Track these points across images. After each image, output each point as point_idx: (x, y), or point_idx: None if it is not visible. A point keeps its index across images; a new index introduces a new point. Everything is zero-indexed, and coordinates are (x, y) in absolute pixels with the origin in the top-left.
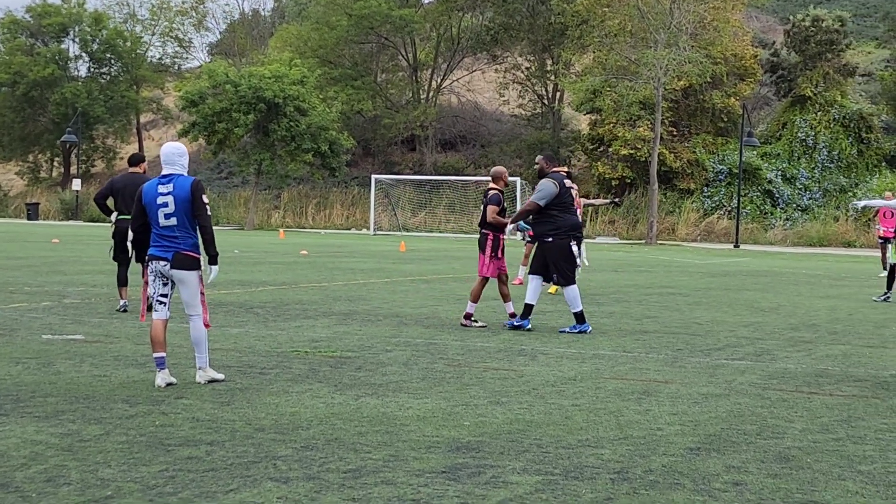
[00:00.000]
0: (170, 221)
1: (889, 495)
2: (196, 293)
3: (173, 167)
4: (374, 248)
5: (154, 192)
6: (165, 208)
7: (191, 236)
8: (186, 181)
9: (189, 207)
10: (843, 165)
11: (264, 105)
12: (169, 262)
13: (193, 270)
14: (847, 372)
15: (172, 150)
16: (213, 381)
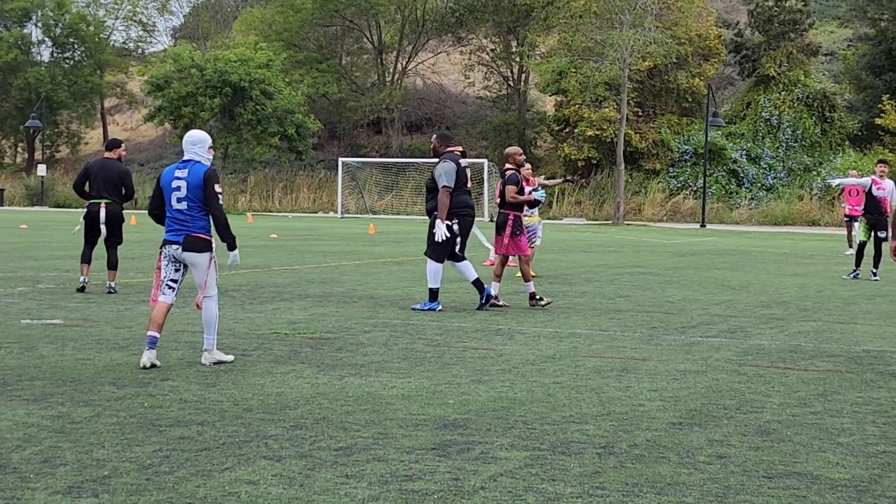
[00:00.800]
0: (181, 205)
1: (869, 465)
2: (208, 275)
3: (189, 154)
4: (342, 231)
5: (171, 177)
6: (178, 192)
7: (201, 219)
8: (201, 168)
9: (200, 194)
10: (806, 145)
11: (230, 89)
12: (181, 245)
13: (204, 252)
14: (820, 348)
15: (188, 137)
16: (218, 363)
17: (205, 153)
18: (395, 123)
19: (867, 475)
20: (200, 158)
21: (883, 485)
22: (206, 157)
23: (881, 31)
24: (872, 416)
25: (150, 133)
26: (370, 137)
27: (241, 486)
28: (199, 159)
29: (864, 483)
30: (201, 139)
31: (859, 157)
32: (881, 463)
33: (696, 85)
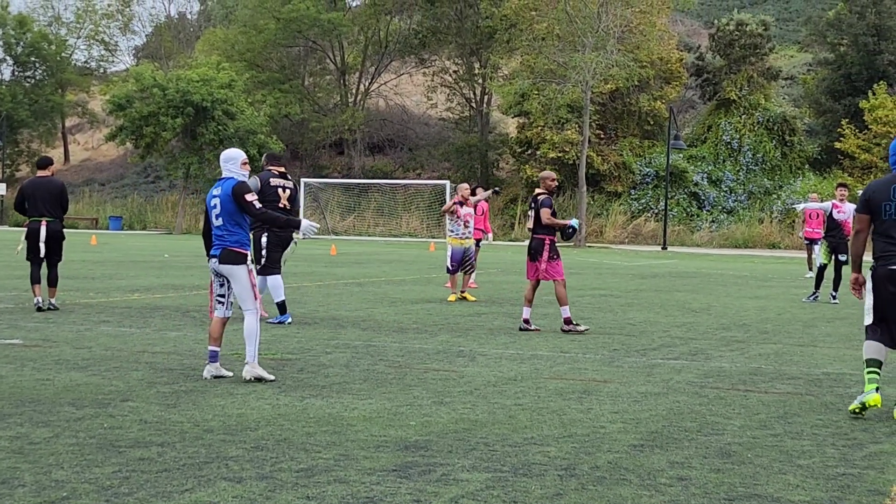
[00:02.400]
0: (218, 221)
1: (829, 488)
2: (247, 287)
3: (225, 172)
4: (304, 252)
5: (210, 196)
6: (215, 210)
7: (236, 234)
8: (230, 184)
9: (233, 208)
10: (767, 168)
11: (192, 109)
12: (217, 258)
13: (240, 265)
14: (780, 370)
15: (223, 156)
16: (259, 380)
17: (238, 169)
18: (358, 144)
19: (827, 497)
20: (234, 174)
21: None
22: (241, 173)
23: (840, 56)
24: (832, 438)
25: (112, 153)
26: (332, 158)
27: None
28: (233, 175)
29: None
30: (233, 156)
31: (819, 180)
32: (841, 485)
33: (657, 108)
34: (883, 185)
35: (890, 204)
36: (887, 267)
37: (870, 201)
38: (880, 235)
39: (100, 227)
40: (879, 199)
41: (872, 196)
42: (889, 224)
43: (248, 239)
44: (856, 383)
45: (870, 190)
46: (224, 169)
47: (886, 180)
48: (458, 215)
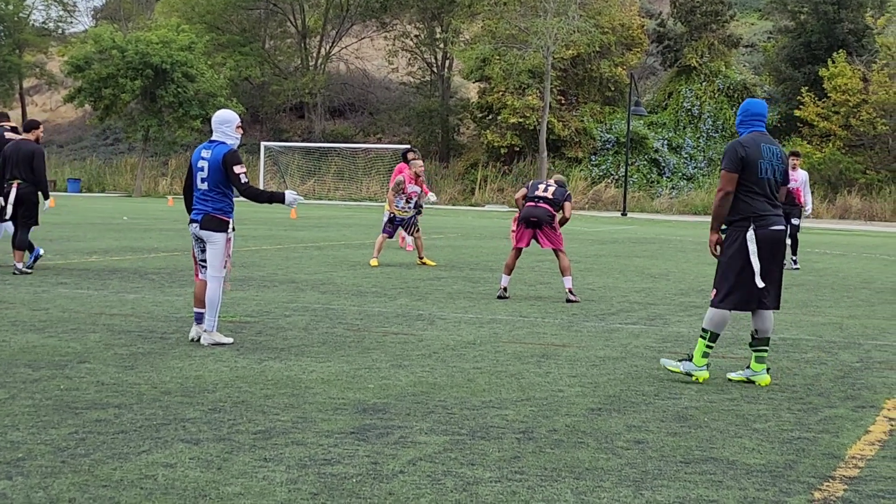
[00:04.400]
0: (203, 185)
1: (784, 451)
2: (219, 255)
3: (217, 134)
4: (264, 216)
5: (197, 157)
6: (202, 172)
7: (221, 201)
8: (222, 150)
9: (220, 176)
10: (727, 135)
11: (151, 71)
12: (198, 223)
13: (220, 232)
14: (737, 335)
15: (216, 117)
16: (217, 345)
17: (232, 132)
18: (318, 108)
19: (782, 461)
20: (227, 138)
21: (797, 470)
22: (234, 137)
23: (801, 23)
24: (788, 402)
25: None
26: (293, 122)
27: (158, 469)
28: (226, 139)
29: (780, 468)
30: (228, 119)
31: None
32: (796, 449)
33: (618, 74)
34: (753, 143)
35: (764, 162)
36: (769, 227)
37: (745, 159)
38: (757, 195)
39: (58, 189)
40: (755, 157)
41: (748, 154)
42: (762, 182)
43: (232, 206)
44: (812, 348)
45: (743, 149)
46: (217, 131)
47: (754, 139)
48: (405, 192)
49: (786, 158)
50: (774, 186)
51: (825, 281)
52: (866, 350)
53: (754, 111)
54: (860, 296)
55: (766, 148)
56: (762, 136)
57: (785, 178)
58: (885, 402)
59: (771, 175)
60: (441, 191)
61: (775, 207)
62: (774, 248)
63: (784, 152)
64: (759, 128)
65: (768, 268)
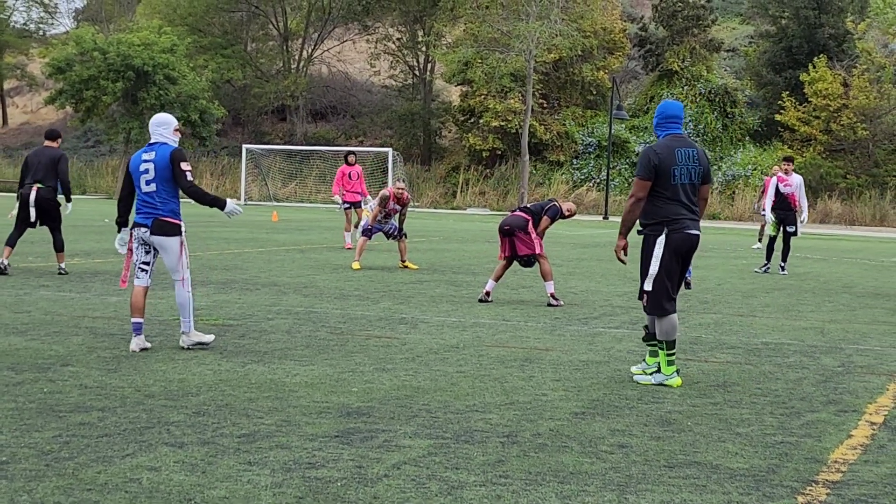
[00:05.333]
0: (150, 188)
1: (767, 455)
2: (177, 258)
3: (156, 136)
4: (245, 218)
5: (138, 160)
6: (146, 175)
7: (169, 203)
8: (167, 149)
9: (168, 175)
10: (708, 139)
11: (133, 73)
12: (149, 228)
13: (173, 236)
14: (720, 339)
15: (154, 120)
16: (199, 345)
17: (171, 134)
18: (300, 111)
19: (765, 465)
20: (167, 140)
21: (780, 474)
22: (173, 139)
23: (782, 28)
24: (770, 406)
25: (51, 116)
26: (274, 125)
27: (142, 472)
28: (166, 141)
29: (763, 472)
30: (166, 121)
31: (759, 152)
32: (779, 453)
33: (600, 78)
34: (667, 149)
35: (678, 168)
36: (683, 231)
37: (658, 166)
38: (669, 200)
39: None
40: (669, 164)
41: (661, 161)
42: (676, 188)
43: (180, 208)
44: (794, 353)
45: (656, 156)
46: (155, 133)
47: (668, 144)
48: (388, 208)
49: (703, 159)
50: (691, 190)
51: (806, 285)
52: (848, 354)
53: (670, 113)
54: (841, 300)
55: (680, 152)
56: (677, 139)
57: (704, 178)
58: (867, 407)
59: (686, 179)
60: (423, 194)
61: (691, 212)
62: (688, 250)
63: (702, 153)
64: (676, 130)
65: (674, 273)
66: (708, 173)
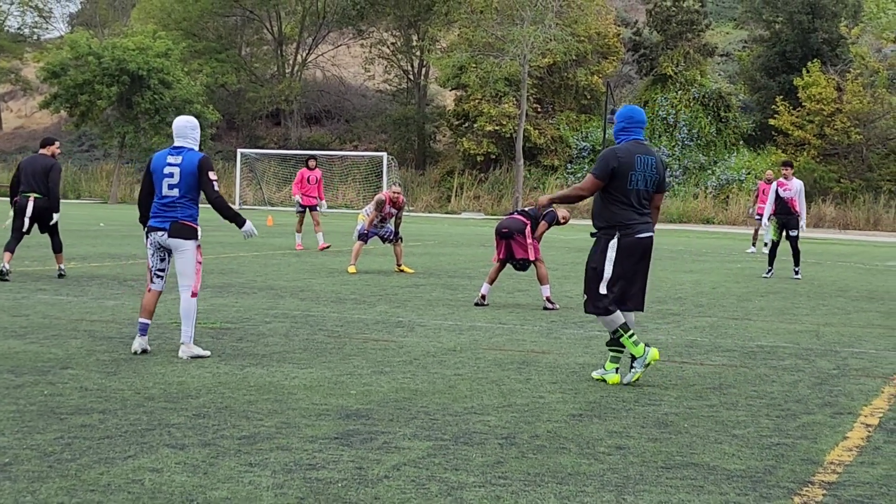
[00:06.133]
0: (172, 192)
1: (763, 457)
2: (192, 263)
3: (185, 140)
4: None
5: (163, 163)
6: (171, 178)
7: (190, 208)
8: (195, 156)
9: (193, 181)
10: (702, 143)
11: (128, 77)
12: (167, 231)
13: (190, 240)
14: (715, 342)
15: (185, 123)
16: (196, 358)
17: (199, 139)
18: (295, 115)
19: (761, 466)
20: (195, 145)
21: (777, 475)
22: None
23: (775, 33)
24: (766, 409)
25: (45, 120)
26: (269, 129)
27: (144, 473)
28: (194, 146)
29: (759, 474)
30: (195, 125)
31: (753, 156)
32: (775, 454)
33: (594, 82)
34: (628, 154)
35: (635, 174)
36: (634, 236)
37: (616, 169)
38: (624, 204)
39: None
40: (627, 168)
41: (620, 165)
42: (634, 193)
43: (198, 214)
44: (789, 356)
45: (616, 159)
46: (186, 137)
47: (630, 149)
48: (384, 211)
49: (661, 168)
50: (645, 196)
51: (801, 289)
52: (843, 357)
53: (637, 119)
54: (836, 303)
55: (639, 159)
56: (639, 145)
57: (659, 187)
58: (863, 409)
59: (642, 185)
60: (417, 198)
61: (643, 216)
62: (640, 254)
63: (660, 162)
64: (639, 135)
65: (633, 274)
66: (663, 182)
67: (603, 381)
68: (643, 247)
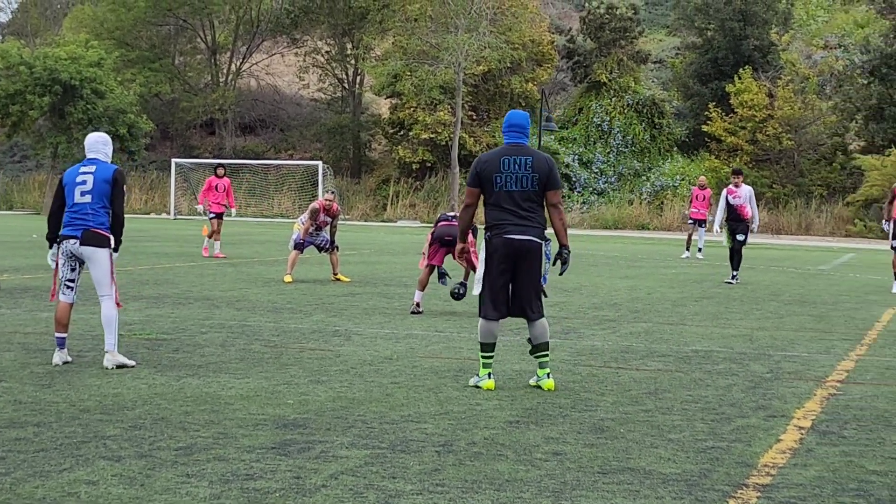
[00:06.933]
0: (85, 199)
1: (698, 461)
2: (106, 272)
3: (97, 154)
4: (176, 233)
5: (75, 173)
6: (83, 186)
7: (102, 216)
8: (110, 167)
9: (107, 190)
10: (636, 150)
11: (60, 87)
12: (79, 239)
13: (103, 248)
14: (651, 348)
15: (97, 138)
16: (121, 367)
17: (111, 155)
18: (229, 124)
19: (697, 469)
20: (107, 159)
21: (712, 478)
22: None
23: (708, 40)
24: (701, 413)
25: None
26: (203, 138)
27: (80, 486)
28: (106, 160)
29: (695, 477)
30: (108, 141)
31: (687, 162)
32: (710, 458)
33: (529, 90)
34: (493, 157)
35: (500, 176)
36: (502, 236)
37: (480, 175)
38: (493, 206)
39: None
40: (491, 171)
41: (483, 169)
42: (500, 195)
43: (109, 223)
44: (723, 360)
45: (480, 164)
46: (97, 152)
47: (497, 152)
48: (318, 220)
49: (542, 166)
50: (521, 197)
51: (735, 294)
52: (776, 361)
53: (512, 122)
54: (769, 308)
55: (507, 160)
56: (512, 147)
57: (545, 185)
58: (795, 412)
59: (514, 186)
60: (353, 206)
61: (521, 218)
62: (512, 255)
63: (541, 160)
64: (517, 139)
65: (504, 277)
66: (549, 180)
67: (538, 387)
68: (514, 248)
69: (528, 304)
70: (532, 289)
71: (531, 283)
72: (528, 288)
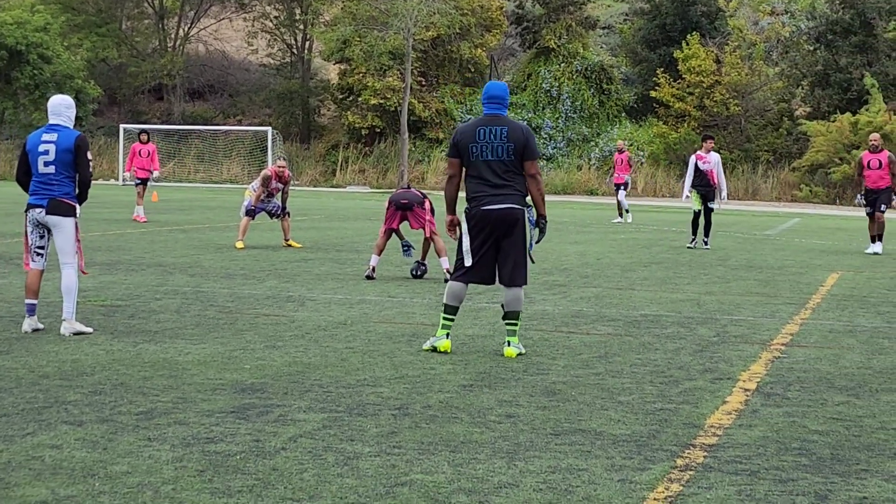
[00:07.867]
0: (49, 169)
1: (647, 422)
2: (71, 240)
3: (60, 118)
4: (125, 199)
5: (38, 141)
6: (46, 156)
7: (67, 185)
8: (72, 134)
9: (70, 159)
10: (585, 116)
11: (6, 52)
12: (44, 208)
13: (68, 217)
14: (601, 312)
15: (60, 101)
16: (79, 334)
17: (73, 118)
18: (178, 90)
19: (646, 431)
20: (69, 123)
21: (660, 439)
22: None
23: (656, 6)
24: (650, 376)
25: None
26: (152, 104)
27: (44, 450)
28: (69, 124)
29: (644, 438)
30: (70, 104)
31: (635, 128)
32: (658, 419)
33: (478, 55)
34: (470, 127)
35: (476, 146)
36: (480, 208)
37: (458, 145)
38: (472, 177)
39: None
40: (467, 141)
41: (460, 139)
42: (477, 165)
43: (75, 191)
44: (671, 324)
45: (458, 134)
46: (60, 115)
47: (474, 123)
48: (270, 187)
49: (518, 135)
50: (497, 167)
51: (683, 259)
52: (723, 325)
53: (490, 94)
54: (716, 273)
55: (482, 130)
56: (488, 118)
57: (521, 154)
58: (741, 374)
59: (490, 156)
60: (302, 172)
61: (497, 188)
62: (491, 226)
63: (516, 129)
64: (494, 110)
65: (486, 246)
66: (524, 149)
67: (520, 354)
68: (493, 219)
69: (511, 271)
70: (514, 257)
71: (514, 251)
72: (511, 256)
